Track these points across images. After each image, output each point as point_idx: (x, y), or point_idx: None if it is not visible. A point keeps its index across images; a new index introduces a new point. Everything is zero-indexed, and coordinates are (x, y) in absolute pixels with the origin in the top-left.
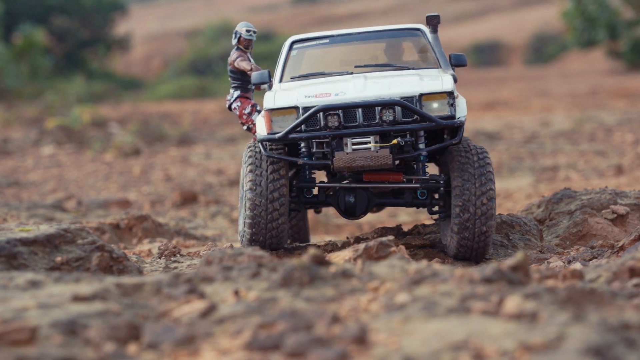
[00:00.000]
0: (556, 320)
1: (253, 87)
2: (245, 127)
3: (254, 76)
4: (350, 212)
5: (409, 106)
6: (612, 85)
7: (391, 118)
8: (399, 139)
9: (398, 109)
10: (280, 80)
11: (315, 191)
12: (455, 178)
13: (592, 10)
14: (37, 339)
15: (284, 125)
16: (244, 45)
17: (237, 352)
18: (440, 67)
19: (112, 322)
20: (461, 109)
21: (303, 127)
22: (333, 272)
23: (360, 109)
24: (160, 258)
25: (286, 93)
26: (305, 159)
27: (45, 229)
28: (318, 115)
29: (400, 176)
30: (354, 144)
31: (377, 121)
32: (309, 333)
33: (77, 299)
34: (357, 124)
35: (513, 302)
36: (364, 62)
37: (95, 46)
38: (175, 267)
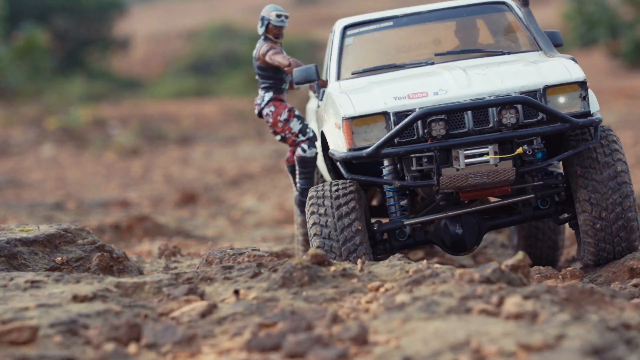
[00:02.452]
0: (556, 320)
1: (287, 86)
2: (278, 138)
3: (297, 73)
4: (459, 247)
5: (538, 104)
6: (612, 85)
7: (514, 120)
8: (524, 146)
9: (520, 108)
10: (338, 78)
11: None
12: (578, 188)
13: (592, 10)
14: (37, 339)
15: (370, 138)
16: (274, 34)
17: (237, 352)
18: (541, 50)
19: (112, 322)
20: (594, 103)
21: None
22: (333, 272)
23: (469, 112)
24: (160, 258)
25: (365, 94)
26: (389, 176)
27: (45, 229)
28: (416, 122)
29: (506, 187)
30: (467, 156)
31: (492, 125)
32: (309, 333)
33: (77, 299)
34: (466, 130)
35: (513, 302)
36: (443, 47)
37: (95, 46)
38: (175, 267)
